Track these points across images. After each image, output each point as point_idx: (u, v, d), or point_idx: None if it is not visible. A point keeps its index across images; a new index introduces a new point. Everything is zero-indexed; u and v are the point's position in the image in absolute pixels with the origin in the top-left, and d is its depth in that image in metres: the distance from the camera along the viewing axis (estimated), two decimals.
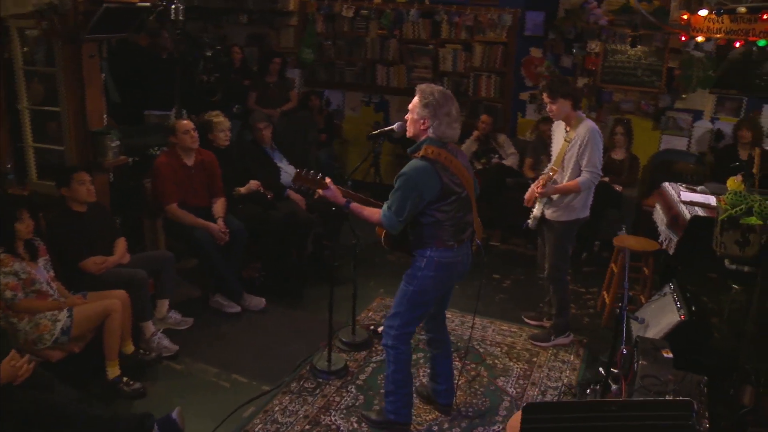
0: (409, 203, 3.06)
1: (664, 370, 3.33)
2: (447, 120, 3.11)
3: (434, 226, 3.16)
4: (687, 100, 6.46)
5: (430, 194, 3.07)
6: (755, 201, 2.98)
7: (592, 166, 4.13)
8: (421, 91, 3.18)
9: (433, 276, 3.23)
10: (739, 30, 2.67)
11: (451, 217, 3.15)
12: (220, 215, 4.76)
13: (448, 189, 3.09)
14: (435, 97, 3.11)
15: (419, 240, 3.23)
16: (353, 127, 8.13)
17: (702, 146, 6.50)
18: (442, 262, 3.21)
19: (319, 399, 3.77)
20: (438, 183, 3.06)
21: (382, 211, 3.17)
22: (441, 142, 3.13)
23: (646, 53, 6.44)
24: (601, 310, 5.09)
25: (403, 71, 7.72)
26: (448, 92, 3.20)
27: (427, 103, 3.12)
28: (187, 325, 4.49)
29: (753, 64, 6.16)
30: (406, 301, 3.30)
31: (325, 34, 7.92)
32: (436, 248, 3.19)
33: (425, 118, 3.13)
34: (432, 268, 3.21)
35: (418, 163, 3.08)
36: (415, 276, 3.25)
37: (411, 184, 3.05)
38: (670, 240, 4.11)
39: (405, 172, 3.07)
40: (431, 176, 3.05)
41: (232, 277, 4.79)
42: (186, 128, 4.65)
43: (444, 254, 3.20)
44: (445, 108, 3.10)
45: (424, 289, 3.26)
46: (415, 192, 3.05)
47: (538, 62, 7.07)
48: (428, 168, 3.05)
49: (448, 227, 3.17)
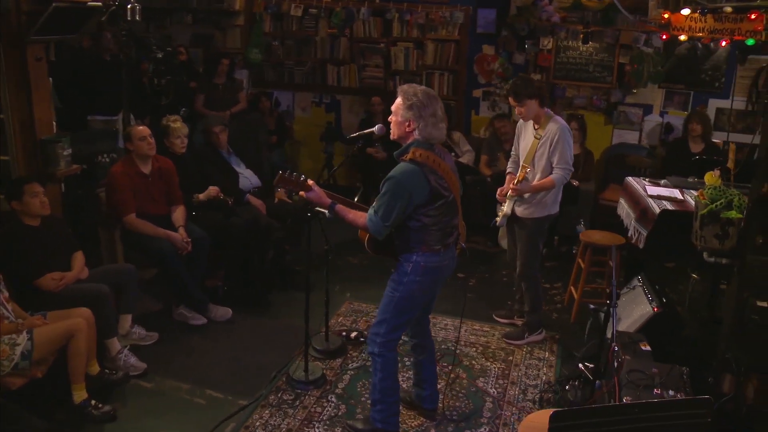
0: (396, 208, 2.98)
1: (648, 364, 3.37)
2: (432, 120, 3.03)
3: (421, 230, 3.09)
4: (637, 95, 6.63)
5: (419, 198, 3.00)
6: (734, 195, 3.04)
7: (564, 163, 4.15)
8: (403, 92, 3.09)
9: (420, 281, 3.16)
10: (724, 29, 2.71)
11: (438, 222, 3.09)
12: (180, 224, 4.56)
13: (436, 193, 3.02)
14: (419, 97, 3.03)
15: (405, 244, 3.15)
16: (304, 128, 8.00)
17: (653, 139, 6.68)
18: (429, 267, 3.15)
19: (300, 411, 3.65)
20: (427, 187, 2.99)
21: (368, 216, 3.07)
22: (428, 144, 3.06)
23: (598, 49, 6.57)
24: (569, 305, 5.14)
25: (354, 70, 7.64)
26: (431, 92, 3.10)
27: (411, 104, 3.04)
28: (153, 340, 4.28)
29: (698, 60, 6.36)
30: (393, 307, 3.22)
31: (273, 33, 7.75)
32: (423, 253, 3.12)
33: (410, 120, 3.05)
34: (419, 273, 3.14)
35: (406, 166, 2.99)
36: (401, 281, 3.18)
37: (399, 188, 2.96)
38: (640, 234, 4.17)
39: (393, 176, 2.98)
40: (420, 180, 2.97)
41: (197, 288, 4.60)
42: (142, 134, 4.43)
43: (430, 259, 3.14)
44: (430, 108, 3.02)
45: (410, 295, 3.19)
46: (404, 196, 2.97)
47: (490, 59, 7.10)
48: (417, 171, 2.97)
49: (435, 231, 3.10)
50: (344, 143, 7.72)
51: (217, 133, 5.28)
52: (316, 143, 7.82)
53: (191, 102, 6.77)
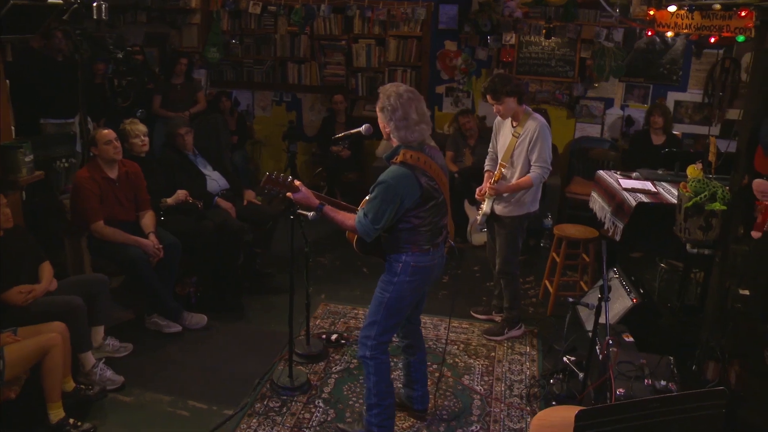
0: (387, 212, 2.93)
1: (634, 355, 3.41)
2: (404, 124, 2.95)
3: (411, 231, 3.04)
4: (599, 89, 6.74)
5: (410, 201, 2.95)
6: (717, 187, 3.10)
7: (543, 161, 4.16)
8: (381, 92, 3.05)
9: (410, 281, 3.12)
10: (712, 26, 2.74)
11: (428, 222, 3.05)
12: (150, 229, 4.40)
13: (427, 195, 2.98)
14: (390, 101, 2.96)
15: (395, 245, 3.10)
16: (264, 127, 7.86)
17: (614, 132, 6.81)
18: (419, 267, 3.11)
19: (288, 418, 3.57)
20: (418, 190, 2.94)
21: (357, 218, 3.02)
22: (418, 145, 3.01)
23: (559, 44, 6.65)
24: (544, 299, 5.19)
25: (315, 68, 7.54)
26: (406, 93, 2.99)
27: (383, 107, 3.00)
28: (127, 351, 4.12)
29: (657, 54, 6.51)
30: (383, 309, 3.17)
31: (231, 32, 7.58)
32: (412, 253, 3.08)
33: (384, 123, 3.02)
34: (408, 273, 3.10)
35: (397, 170, 2.93)
36: (391, 282, 3.13)
37: (391, 192, 2.91)
38: (616, 227, 4.23)
39: (384, 180, 2.92)
40: (412, 183, 2.92)
41: (170, 295, 4.46)
42: (108, 138, 4.26)
43: (420, 259, 3.10)
44: (400, 111, 2.94)
45: (401, 296, 3.14)
46: (395, 201, 2.92)
47: (453, 55, 7.11)
48: (408, 175, 2.92)
49: (424, 232, 3.06)
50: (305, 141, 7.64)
51: (182, 134, 5.12)
52: (277, 143, 7.69)
53: (148, 103, 6.56)
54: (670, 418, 1.94)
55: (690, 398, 1.96)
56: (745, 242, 3.16)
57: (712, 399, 1.97)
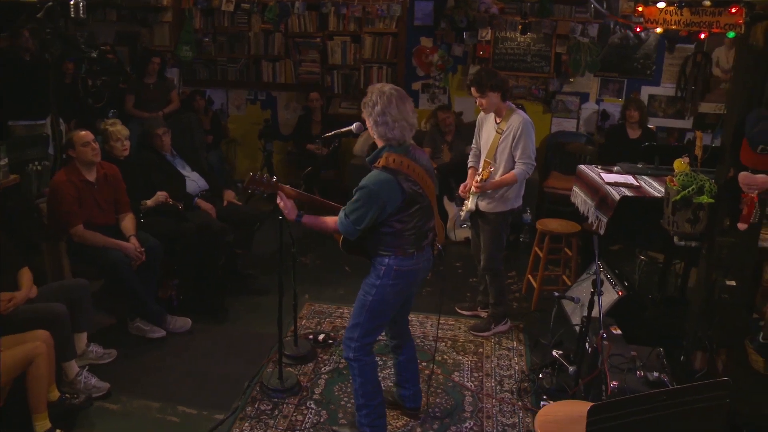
0: (369, 216, 2.90)
1: (624, 347, 3.45)
2: (382, 120, 2.92)
3: (394, 235, 3.01)
4: (574, 84, 6.80)
5: (392, 206, 2.92)
6: (704, 181, 3.15)
7: (527, 158, 4.18)
8: (367, 90, 3.03)
9: (393, 284, 3.08)
10: (702, 22, 2.77)
11: (412, 227, 3.01)
12: (131, 233, 4.32)
13: (410, 200, 2.95)
14: (371, 97, 2.95)
15: (378, 248, 3.07)
16: (239, 126, 7.77)
17: (590, 127, 6.88)
18: (402, 270, 3.07)
19: (281, 421, 3.53)
20: (400, 195, 2.91)
21: (339, 219, 2.99)
22: (402, 148, 2.98)
23: (535, 40, 6.69)
24: (527, 294, 5.23)
25: (289, 66, 7.48)
26: (389, 90, 2.96)
27: (365, 103, 2.98)
28: (111, 357, 4.03)
29: (631, 49, 6.59)
30: (366, 311, 3.14)
31: (203, 30, 7.47)
32: (396, 256, 3.05)
33: (366, 119, 3.00)
34: (391, 276, 3.07)
35: (379, 175, 2.90)
36: (374, 285, 3.10)
37: (372, 198, 2.87)
38: (600, 220, 4.26)
39: (365, 185, 2.89)
40: (393, 189, 2.89)
41: (153, 299, 4.37)
42: (85, 140, 4.16)
43: (404, 262, 3.06)
44: (378, 107, 2.91)
45: (383, 299, 3.11)
46: (377, 206, 2.88)
47: (429, 52, 7.11)
48: (390, 180, 2.88)
49: (408, 236, 3.03)
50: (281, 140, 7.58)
51: (160, 135, 5.03)
52: (252, 142, 7.62)
53: (120, 103, 6.43)
54: (677, 410, 1.97)
55: (695, 390, 1.98)
56: (731, 234, 3.21)
57: (716, 390, 2.00)
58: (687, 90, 6.58)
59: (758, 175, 3.07)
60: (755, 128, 2.99)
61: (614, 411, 1.86)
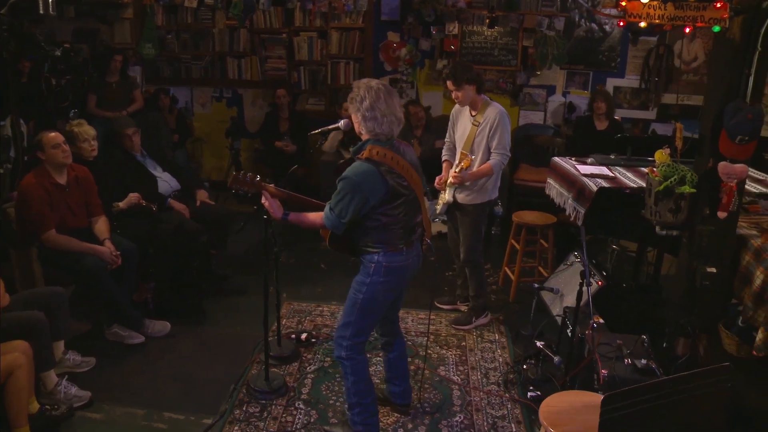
0: (352, 207, 2.88)
1: (609, 336, 3.52)
2: (371, 114, 2.91)
3: (381, 229, 3.00)
4: (541, 77, 6.88)
5: (375, 198, 2.90)
6: (686, 171, 3.22)
7: (502, 148, 4.23)
8: (353, 85, 3.01)
9: (383, 281, 3.07)
10: (686, 17, 2.82)
11: (399, 220, 3.01)
12: (105, 236, 4.20)
13: (395, 192, 2.93)
14: (359, 92, 2.94)
15: (367, 245, 3.05)
16: (205, 124, 7.63)
17: (557, 119, 6.97)
18: (392, 267, 3.06)
19: (271, 423, 3.48)
20: (383, 187, 2.89)
21: (324, 213, 2.97)
22: (386, 141, 2.97)
23: (502, 33, 6.74)
24: (504, 286, 5.27)
25: (255, 63, 7.38)
26: (377, 85, 2.97)
27: (352, 98, 2.97)
28: (90, 365, 3.92)
29: (596, 42, 6.70)
30: (357, 310, 3.12)
31: (166, 26, 7.30)
32: (385, 252, 3.04)
33: (353, 114, 2.99)
34: (381, 273, 3.05)
35: (361, 166, 2.89)
36: (364, 283, 3.08)
37: (354, 189, 2.86)
38: (578, 212, 4.32)
39: (347, 175, 2.87)
40: (376, 180, 2.88)
41: (130, 304, 4.27)
42: (56, 142, 4.03)
43: (394, 258, 3.05)
44: (366, 102, 2.91)
45: (374, 297, 3.10)
46: (358, 197, 2.86)
47: (396, 46, 7.10)
48: (372, 171, 2.87)
49: (396, 230, 3.02)
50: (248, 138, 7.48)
51: (130, 135, 4.91)
52: (218, 140, 7.50)
53: (81, 103, 6.24)
54: (686, 395, 2.01)
55: (699, 376, 2.02)
56: (711, 222, 3.29)
57: (720, 375, 2.05)
58: (651, 82, 6.72)
59: (737, 165, 3.16)
60: (733, 119, 3.07)
61: (627, 399, 1.90)
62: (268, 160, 7.17)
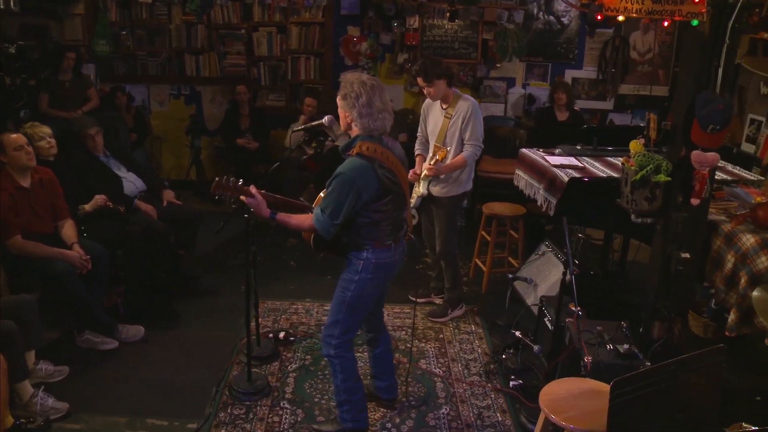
0: (346, 205, 2.87)
1: (589, 322, 3.59)
2: (367, 111, 2.91)
3: (371, 226, 3.00)
4: (501, 69, 6.97)
5: (368, 194, 2.90)
6: (661, 160, 3.31)
7: (475, 140, 4.27)
8: (342, 81, 3.00)
9: (372, 278, 3.08)
10: (663, 10, 2.89)
11: (388, 216, 3.01)
12: (73, 240, 4.07)
13: (386, 188, 2.94)
14: (353, 88, 2.92)
15: (355, 242, 3.05)
16: (163, 122, 7.45)
17: (517, 111, 7.08)
18: (381, 263, 3.07)
19: (258, 424, 3.45)
20: (376, 182, 2.89)
21: (314, 216, 2.94)
22: (375, 137, 2.97)
23: (462, 27, 6.79)
24: (475, 277, 5.33)
25: (214, 59, 7.25)
26: (370, 81, 2.97)
27: (346, 94, 2.94)
28: (63, 374, 3.79)
29: (554, 34, 6.82)
30: (346, 307, 3.12)
31: (120, 22, 7.10)
32: (374, 249, 3.04)
33: (346, 111, 2.96)
34: (370, 270, 3.06)
35: (354, 161, 2.87)
36: (352, 280, 3.08)
37: (348, 184, 2.84)
38: (549, 202, 4.40)
39: (341, 172, 2.86)
40: (369, 175, 2.87)
41: (101, 309, 4.15)
42: (18, 143, 3.88)
43: (382, 255, 3.06)
44: (364, 98, 2.90)
45: (363, 293, 3.11)
46: (353, 193, 2.86)
47: (357, 41, 7.07)
48: (366, 166, 2.87)
49: (385, 227, 3.03)
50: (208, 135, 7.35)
51: (92, 135, 4.77)
52: (178, 138, 7.35)
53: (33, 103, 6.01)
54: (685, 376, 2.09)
55: (697, 358, 2.10)
56: (684, 209, 3.40)
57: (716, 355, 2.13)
58: (607, 73, 6.88)
59: (709, 153, 3.26)
60: (705, 109, 3.16)
61: (634, 383, 1.96)
62: (231, 158, 7.07)
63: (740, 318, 3.40)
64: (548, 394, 2.50)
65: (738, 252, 3.43)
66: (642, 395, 1.98)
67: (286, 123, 6.94)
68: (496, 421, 3.53)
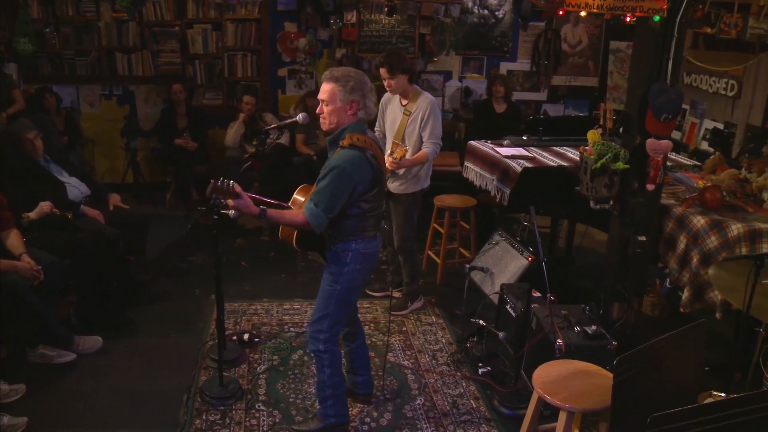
0: (341, 198, 2.89)
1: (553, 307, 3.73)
2: (371, 95, 3.00)
3: (359, 217, 3.03)
4: (438, 63, 7.08)
5: (363, 185, 2.93)
6: (618, 149, 3.48)
7: (435, 137, 4.33)
8: (334, 78, 2.95)
9: (360, 269, 3.12)
10: (625, 6, 3.02)
11: (375, 207, 3.06)
12: (21, 250, 3.86)
13: (376, 178, 2.99)
14: (353, 77, 2.95)
15: (343, 234, 3.06)
16: (95, 124, 7.15)
17: (455, 103, 7.21)
18: (368, 253, 3.12)
19: (235, 428, 3.39)
20: (370, 172, 2.94)
21: (307, 210, 2.93)
22: (362, 127, 3.00)
23: (399, 21, 6.85)
24: (429, 269, 5.41)
25: (147, 57, 7.01)
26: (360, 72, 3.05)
27: (352, 86, 2.93)
28: (20, 393, 3.57)
29: (489, 28, 6.99)
30: (335, 301, 3.13)
31: (44, 19, 6.75)
32: (361, 240, 3.08)
33: (354, 102, 2.94)
34: (358, 261, 3.09)
35: (348, 153, 2.89)
36: (341, 273, 3.10)
37: (345, 176, 2.86)
38: (503, 192, 4.53)
39: (338, 164, 2.87)
40: (364, 166, 2.91)
41: (55, 321, 3.97)
42: None
43: (368, 245, 3.11)
44: (368, 84, 2.99)
45: (352, 285, 3.14)
46: (349, 184, 2.88)
47: (294, 37, 7.01)
48: (360, 157, 2.90)
49: (371, 217, 3.07)
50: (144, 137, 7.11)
51: (31, 140, 4.52)
52: (111, 140, 7.06)
53: None
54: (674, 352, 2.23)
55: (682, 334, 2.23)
56: (640, 195, 3.58)
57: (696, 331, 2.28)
58: (540, 65, 7.11)
59: (662, 141, 3.46)
60: (659, 100, 3.34)
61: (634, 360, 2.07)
62: (169, 159, 6.87)
63: (693, 295, 3.61)
64: (541, 377, 2.59)
65: (689, 233, 3.64)
66: (640, 371, 2.10)
67: (224, 122, 6.82)
68: (471, 408, 3.62)
